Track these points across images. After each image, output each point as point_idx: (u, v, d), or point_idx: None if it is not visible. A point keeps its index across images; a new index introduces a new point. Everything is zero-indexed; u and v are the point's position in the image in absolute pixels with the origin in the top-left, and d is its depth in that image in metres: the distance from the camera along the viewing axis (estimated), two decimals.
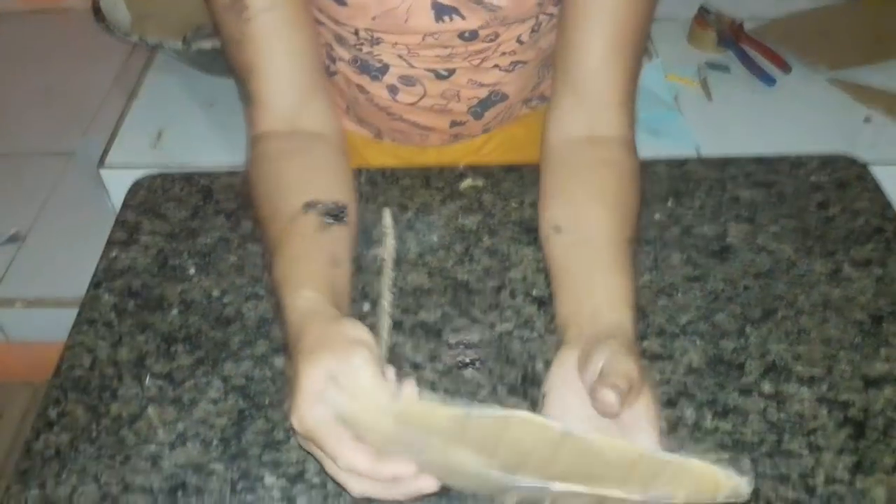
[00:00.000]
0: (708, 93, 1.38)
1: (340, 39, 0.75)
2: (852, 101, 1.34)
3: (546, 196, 0.66)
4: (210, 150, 1.35)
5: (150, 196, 0.80)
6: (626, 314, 0.56)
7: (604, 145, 0.66)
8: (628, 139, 0.67)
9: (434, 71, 0.75)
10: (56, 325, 0.69)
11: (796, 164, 0.80)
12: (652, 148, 1.20)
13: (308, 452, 0.50)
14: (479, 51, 0.73)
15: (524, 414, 0.45)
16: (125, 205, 0.79)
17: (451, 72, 0.75)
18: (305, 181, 0.64)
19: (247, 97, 0.68)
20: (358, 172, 0.79)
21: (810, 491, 0.56)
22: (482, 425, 0.45)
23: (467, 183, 0.77)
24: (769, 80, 1.36)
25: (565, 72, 0.67)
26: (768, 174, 0.79)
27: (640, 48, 0.66)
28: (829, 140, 1.26)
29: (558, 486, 0.48)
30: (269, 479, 0.58)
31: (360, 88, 0.79)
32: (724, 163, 0.80)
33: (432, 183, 0.77)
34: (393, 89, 0.77)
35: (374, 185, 0.78)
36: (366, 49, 0.74)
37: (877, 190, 0.77)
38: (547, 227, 0.64)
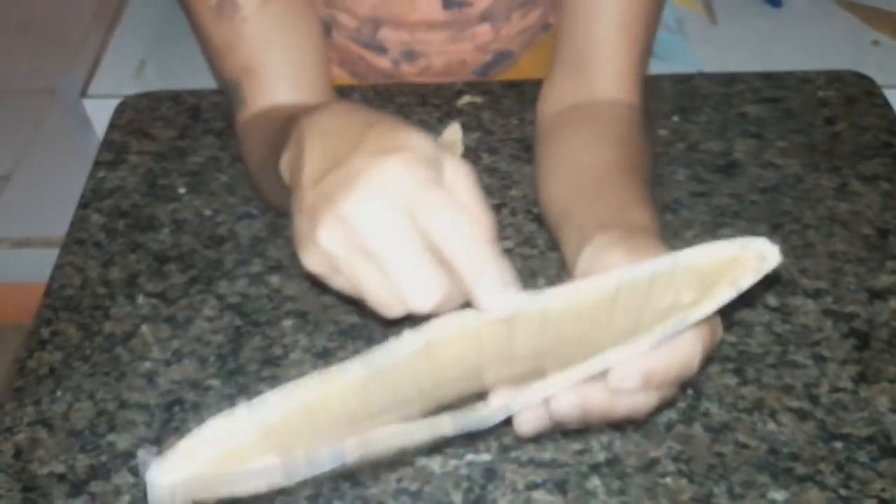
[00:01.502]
0: (712, 16, 1.36)
1: (338, 24, 0.72)
2: (860, 24, 1.33)
3: (540, 163, 0.62)
4: (195, 77, 1.33)
5: (137, 116, 0.79)
6: (642, 213, 0.48)
7: (608, 105, 0.62)
8: (637, 107, 0.63)
9: (440, 48, 0.73)
10: (45, 265, 0.69)
11: (804, 79, 0.80)
12: (655, 72, 1.19)
13: (317, 280, 0.39)
14: (489, 30, 0.72)
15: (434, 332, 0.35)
16: (112, 125, 0.79)
17: (458, 45, 0.74)
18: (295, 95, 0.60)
19: (239, 100, 0.63)
20: (351, 90, 0.79)
21: (814, 400, 0.57)
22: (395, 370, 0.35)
23: (466, 100, 0.77)
24: (775, 2, 1.35)
25: (568, 46, 0.63)
26: (775, 90, 0.79)
27: (653, 22, 0.63)
28: (836, 64, 1.26)
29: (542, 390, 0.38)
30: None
31: (361, 57, 0.78)
32: (731, 78, 0.80)
33: (429, 100, 0.77)
34: (396, 62, 0.76)
35: (369, 102, 0.77)
36: (366, 31, 0.72)
37: (885, 105, 0.77)
38: (542, 185, 0.60)
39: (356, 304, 0.45)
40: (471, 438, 0.55)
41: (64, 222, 0.71)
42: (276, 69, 0.62)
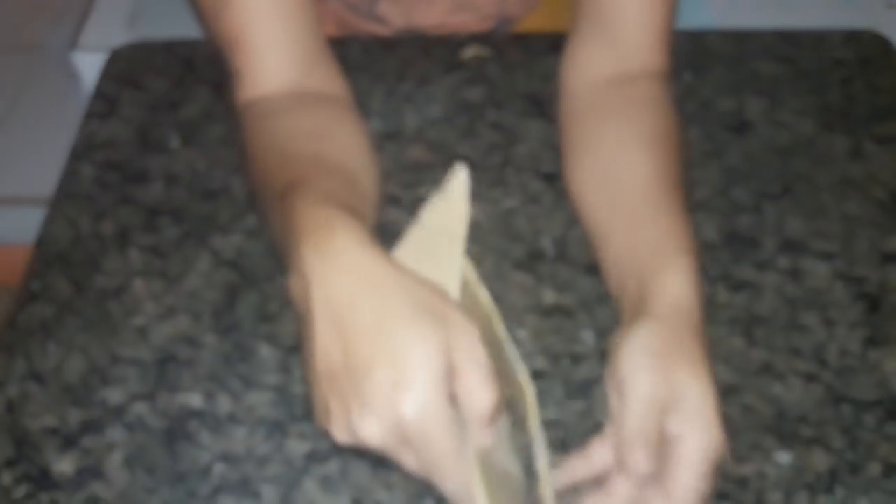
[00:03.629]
0: None
1: None
2: None
3: (571, 151, 0.63)
4: (188, 28, 1.33)
5: (129, 67, 0.79)
6: (679, 278, 0.52)
7: (637, 83, 0.62)
8: (664, 74, 0.63)
9: (440, 21, 0.73)
10: (32, 225, 0.69)
11: (819, 38, 0.80)
12: None
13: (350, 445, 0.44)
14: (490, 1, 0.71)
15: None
16: (103, 76, 0.79)
17: (458, 16, 0.74)
18: (323, 130, 0.59)
19: (234, 71, 0.63)
20: (353, 40, 0.78)
21: (822, 363, 0.58)
22: None
23: (471, 53, 0.77)
24: None
25: (592, 4, 0.63)
26: (790, 49, 0.79)
27: None
28: (852, 24, 1.25)
29: None
30: (264, 351, 0.59)
31: (356, 27, 0.78)
32: (744, 36, 0.80)
33: (432, 52, 0.77)
34: (396, 34, 0.76)
35: (369, 54, 0.77)
36: (364, 5, 0.71)
37: None
38: (577, 188, 0.62)
39: None
40: None
41: (52, 181, 0.71)
42: (265, 42, 0.61)
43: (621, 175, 0.59)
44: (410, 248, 0.56)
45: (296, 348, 0.59)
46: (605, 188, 0.59)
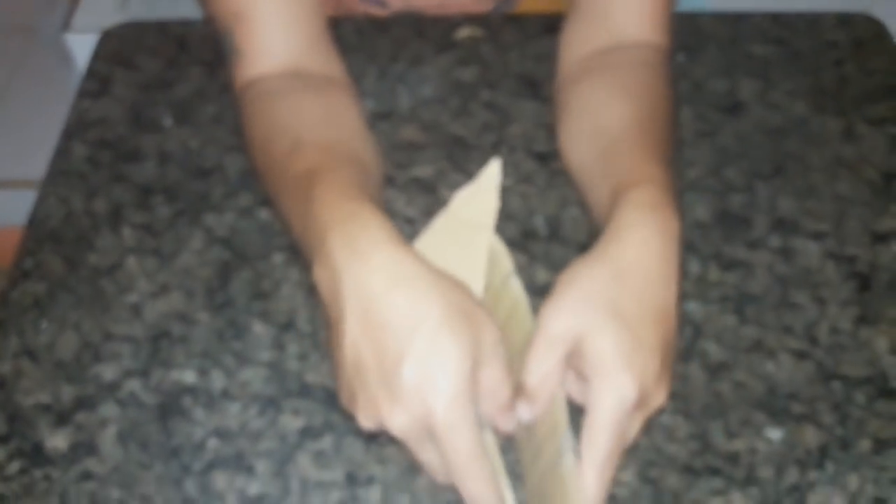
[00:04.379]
0: None
1: None
2: None
3: (562, 116, 0.63)
4: (178, 10, 1.32)
5: (121, 46, 0.79)
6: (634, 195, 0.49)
7: (628, 50, 0.62)
8: (664, 48, 0.63)
9: (440, 2, 0.73)
10: (24, 208, 0.69)
11: (812, 21, 0.80)
12: None
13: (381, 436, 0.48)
14: None
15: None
16: (95, 55, 0.78)
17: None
18: (332, 115, 0.59)
19: (232, 50, 0.62)
20: (345, 20, 0.78)
21: (813, 341, 0.58)
22: None
23: (464, 33, 0.77)
24: None
25: None
26: (783, 31, 0.79)
27: None
28: (845, 6, 1.25)
29: None
30: (258, 328, 0.59)
31: (355, 8, 0.77)
32: (738, 18, 0.80)
33: (426, 32, 0.77)
34: (391, 14, 0.75)
35: (362, 35, 0.77)
36: None
37: (894, 49, 0.78)
38: (568, 150, 0.61)
39: None
40: None
41: (44, 164, 0.71)
42: (268, 18, 0.61)
43: (604, 127, 0.57)
44: (437, 236, 0.56)
45: (289, 325, 0.59)
46: (592, 143, 0.58)
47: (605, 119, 0.58)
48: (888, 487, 0.51)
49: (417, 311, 0.43)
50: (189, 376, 0.57)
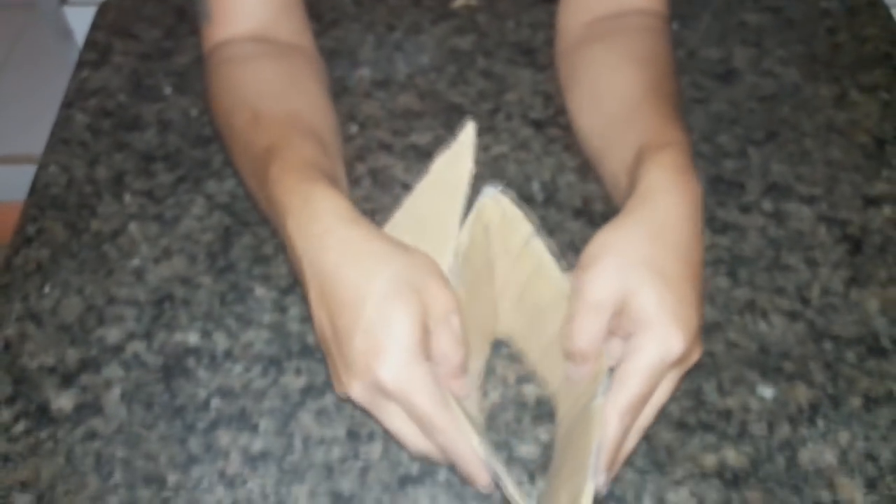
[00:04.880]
0: None
1: None
2: None
3: (568, 82, 0.63)
4: None
5: (120, 16, 0.79)
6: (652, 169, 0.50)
7: (629, 15, 0.62)
8: (664, 14, 0.63)
9: None
10: (25, 184, 0.69)
11: None
12: None
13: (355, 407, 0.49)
14: None
15: None
16: (94, 26, 0.78)
17: None
18: (292, 87, 0.59)
19: (203, 14, 0.63)
20: None
21: (806, 302, 0.59)
22: None
23: (461, 1, 0.77)
24: None
25: None
26: None
27: None
28: None
29: None
30: (260, 291, 0.59)
31: None
32: None
33: (423, 1, 0.77)
34: None
35: (359, 4, 0.77)
36: None
37: (888, 17, 0.78)
38: (575, 116, 0.61)
39: None
40: None
41: (44, 140, 0.71)
42: None
43: (614, 93, 0.58)
44: (418, 201, 0.56)
45: (290, 289, 0.60)
46: (599, 109, 0.59)
47: (616, 85, 0.58)
48: (878, 443, 0.52)
49: (365, 285, 0.45)
50: (192, 338, 0.57)
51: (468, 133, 0.55)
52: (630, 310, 0.45)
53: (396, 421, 0.46)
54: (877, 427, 0.53)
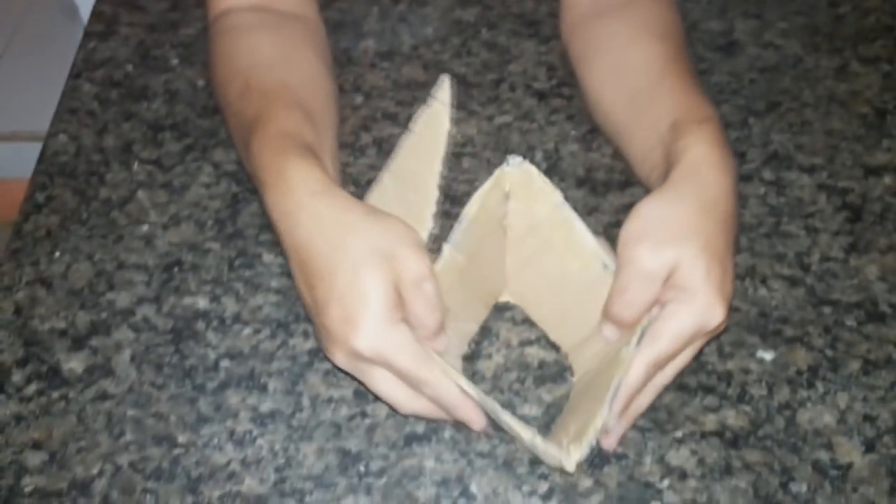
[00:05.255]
0: None
1: None
2: None
3: (583, 57, 0.63)
4: None
5: None
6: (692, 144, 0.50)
7: None
8: None
9: None
10: (31, 161, 0.69)
11: None
12: None
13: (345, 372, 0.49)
14: None
15: None
16: None
17: None
18: (285, 58, 0.60)
19: None
20: None
21: (805, 268, 0.59)
22: None
23: None
24: None
25: None
26: None
27: None
28: None
29: None
30: (268, 257, 0.60)
31: None
32: None
33: None
34: None
35: None
36: None
37: None
38: (594, 90, 0.62)
39: None
40: None
41: (50, 117, 0.71)
42: None
43: (635, 67, 0.59)
44: (400, 161, 0.57)
45: None
46: (622, 83, 0.59)
47: (637, 59, 0.59)
48: (877, 405, 0.53)
49: (336, 256, 0.46)
50: (201, 302, 0.58)
51: (444, 90, 0.55)
52: (676, 279, 0.47)
53: (382, 384, 0.48)
54: (875, 389, 0.54)
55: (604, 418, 0.46)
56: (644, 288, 0.47)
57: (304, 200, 0.48)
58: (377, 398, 0.52)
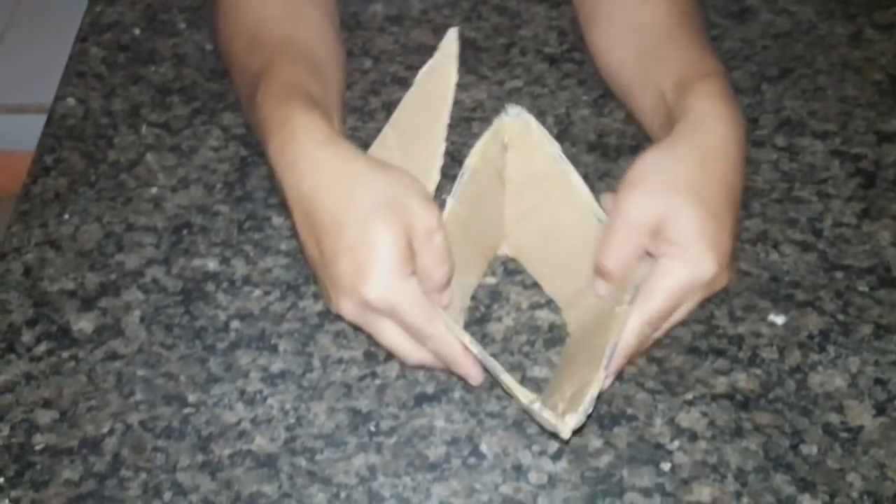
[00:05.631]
0: None
1: None
2: None
3: (591, 16, 0.63)
4: None
5: None
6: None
7: None
8: None
9: None
10: (38, 133, 0.69)
11: None
12: None
13: (352, 324, 0.49)
14: None
15: None
16: None
17: None
18: (293, 13, 0.59)
19: None
20: None
21: (817, 233, 0.59)
22: None
23: None
24: None
25: None
26: None
27: None
28: None
29: None
30: (277, 220, 0.60)
31: None
32: None
33: None
34: None
35: None
36: None
37: None
38: (602, 49, 0.61)
39: None
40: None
41: (54, 90, 0.71)
42: None
43: (643, 25, 0.58)
44: (405, 115, 0.56)
45: None
46: (630, 42, 0.59)
47: (646, 16, 0.59)
48: (888, 369, 0.53)
49: (344, 206, 0.46)
50: (211, 264, 0.58)
51: (451, 42, 0.55)
52: (667, 231, 0.46)
53: (389, 335, 0.48)
54: (887, 353, 0.53)
55: (600, 384, 0.46)
56: (630, 236, 0.47)
57: (309, 149, 0.47)
58: (387, 358, 0.52)
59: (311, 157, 0.47)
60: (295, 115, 0.49)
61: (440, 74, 0.54)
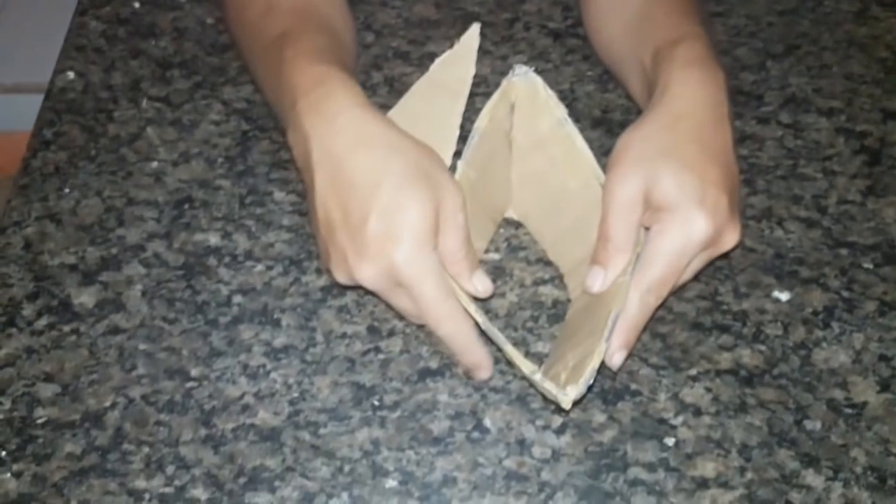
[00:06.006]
0: None
1: None
2: None
3: (587, 3, 0.63)
4: None
5: None
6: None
7: None
8: None
9: None
10: (35, 113, 0.68)
11: None
12: None
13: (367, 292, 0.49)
14: None
15: None
16: None
17: None
18: None
19: None
20: None
21: (822, 210, 0.59)
22: None
23: None
24: None
25: None
26: None
27: None
28: None
29: None
30: (279, 195, 0.60)
31: None
32: None
33: None
34: None
35: None
36: None
37: None
38: (595, 28, 0.61)
39: None
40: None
41: (52, 70, 0.70)
42: None
43: (634, 3, 0.58)
44: (415, 100, 0.56)
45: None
46: (617, 17, 0.59)
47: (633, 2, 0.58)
48: (892, 346, 0.53)
49: (380, 169, 0.45)
50: (213, 238, 0.57)
51: (473, 37, 0.54)
52: (653, 199, 0.46)
53: (404, 302, 0.47)
54: (891, 330, 0.53)
55: (602, 355, 0.46)
56: (624, 214, 0.47)
57: (348, 107, 0.46)
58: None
59: (350, 114, 0.46)
60: (332, 74, 0.48)
61: (457, 66, 0.54)
